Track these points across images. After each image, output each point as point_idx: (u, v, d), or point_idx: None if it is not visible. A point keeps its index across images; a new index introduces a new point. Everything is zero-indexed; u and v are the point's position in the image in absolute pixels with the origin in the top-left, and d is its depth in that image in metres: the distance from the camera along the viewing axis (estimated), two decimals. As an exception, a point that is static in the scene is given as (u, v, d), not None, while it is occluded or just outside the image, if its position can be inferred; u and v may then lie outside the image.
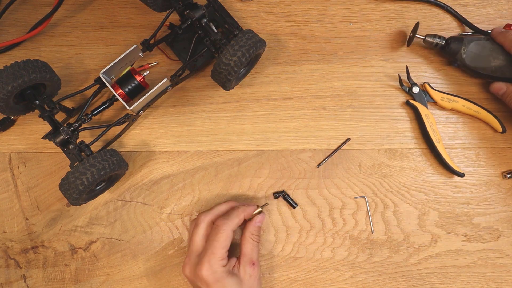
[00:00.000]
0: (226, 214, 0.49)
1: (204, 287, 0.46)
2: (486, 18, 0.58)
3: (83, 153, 0.49)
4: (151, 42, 0.53)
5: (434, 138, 0.54)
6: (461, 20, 0.58)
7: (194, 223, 0.49)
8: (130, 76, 0.51)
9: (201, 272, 0.45)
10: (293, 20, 0.59)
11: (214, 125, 0.56)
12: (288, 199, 0.54)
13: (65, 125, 0.48)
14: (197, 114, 0.56)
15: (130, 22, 0.59)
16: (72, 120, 0.51)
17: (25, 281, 0.54)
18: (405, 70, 0.56)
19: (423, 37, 0.55)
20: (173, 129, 0.56)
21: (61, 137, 0.48)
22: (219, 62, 0.47)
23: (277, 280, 0.53)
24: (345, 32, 0.58)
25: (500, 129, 0.54)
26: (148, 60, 0.57)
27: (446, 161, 0.54)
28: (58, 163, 0.55)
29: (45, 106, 0.49)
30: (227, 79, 0.49)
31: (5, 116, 0.55)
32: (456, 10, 0.58)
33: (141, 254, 0.54)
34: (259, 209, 0.51)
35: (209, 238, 0.47)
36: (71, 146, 0.48)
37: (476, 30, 0.57)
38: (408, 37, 0.57)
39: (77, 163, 0.47)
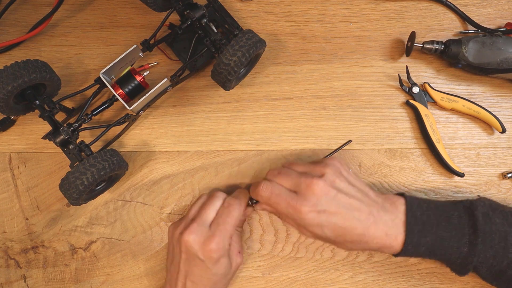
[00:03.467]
0: (234, 195, 0.50)
1: (204, 257, 0.45)
2: (486, 18, 0.58)
3: (83, 153, 0.49)
4: (151, 42, 0.53)
5: (434, 138, 0.54)
6: (462, 16, 0.58)
7: (209, 195, 0.50)
8: (130, 76, 0.51)
9: (212, 244, 0.45)
10: (293, 20, 0.59)
11: (214, 125, 0.56)
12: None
13: (65, 125, 0.48)
14: (197, 114, 0.56)
15: (130, 22, 0.59)
16: (72, 120, 0.51)
17: (25, 281, 0.54)
18: (405, 70, 0.56)
19: (421, 45, 0.55)
20: (173, 129, 0.56)
21: (61, 137, 0.48)
22: (219, 62, 0.47)
23: (277, 280, 0.53)
24: (345, 32, 0.58)
25: (500, 129, 0.54)
26: (148, 60, 0.57)
27: (446, 161, 0.54)
28: (58, 163, 0.55)
29: (45, 106, 0.50)
30: (227, 79, 0.49)
31: (5, 116, 0.55)
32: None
33: (141, 254, 0.54)
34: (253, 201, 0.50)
35: (221, 214, 0.48)
36: (71, 146, 0.48)
37: (477, 27, 0.57)
38: (406, 46, 0.57)
39: (77, 163, 0.47)
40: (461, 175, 0.54)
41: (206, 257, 0.46)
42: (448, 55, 0.54)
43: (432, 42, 0.55)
